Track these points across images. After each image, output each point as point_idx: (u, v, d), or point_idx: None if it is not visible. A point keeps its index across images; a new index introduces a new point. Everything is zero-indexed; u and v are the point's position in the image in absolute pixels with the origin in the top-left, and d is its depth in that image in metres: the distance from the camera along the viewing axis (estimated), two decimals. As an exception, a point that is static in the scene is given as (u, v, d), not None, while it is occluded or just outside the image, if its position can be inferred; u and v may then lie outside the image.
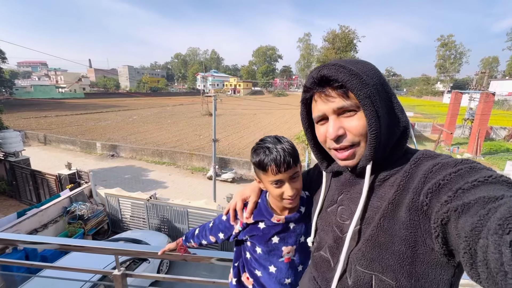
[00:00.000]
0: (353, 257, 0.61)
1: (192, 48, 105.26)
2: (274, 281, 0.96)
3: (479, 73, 24.54)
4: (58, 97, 49.36)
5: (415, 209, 0.51)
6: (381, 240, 0.56)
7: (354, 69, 0.57)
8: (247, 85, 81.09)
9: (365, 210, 0.62)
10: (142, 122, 26.11)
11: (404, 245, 0.53)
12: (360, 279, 0.59)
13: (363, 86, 0.56)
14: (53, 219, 6.63)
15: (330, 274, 0.69)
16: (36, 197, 9.08)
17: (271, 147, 0.82)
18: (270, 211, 0.95)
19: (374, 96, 0.56)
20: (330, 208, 0.75)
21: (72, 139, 17.75)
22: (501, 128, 21.43)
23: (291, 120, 29.59)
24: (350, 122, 0.59)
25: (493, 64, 66.92)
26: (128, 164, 14.84)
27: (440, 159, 0.54)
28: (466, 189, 0.44)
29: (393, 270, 0.54)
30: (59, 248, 1.44)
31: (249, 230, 0.98)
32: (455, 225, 0.43)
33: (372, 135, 0.56)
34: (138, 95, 53.40)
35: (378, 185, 0.62)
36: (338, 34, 34.98)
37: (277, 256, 0.95)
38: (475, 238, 0.38)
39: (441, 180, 0.48)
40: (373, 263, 0.57)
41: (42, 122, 23.83)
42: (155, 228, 7.45)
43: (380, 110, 0.57)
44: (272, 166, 0.80)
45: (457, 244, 0.42)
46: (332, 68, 0.58)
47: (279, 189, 0.84)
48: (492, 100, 16.68)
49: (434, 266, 0.51)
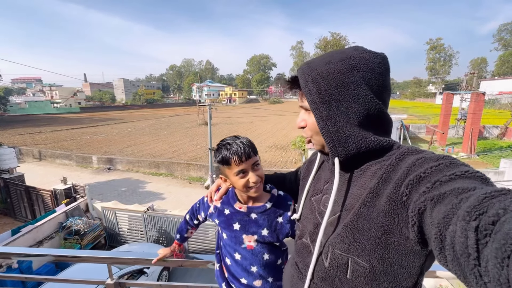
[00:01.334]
0: (332, 241, 0.65)
1: (187, 59, 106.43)
2: (241, 269, 1.02)
3: (468, 74, 25.10)
4: (53, 112, 49.16)
5: (394, 199, 0.54)
6: (360, 226, 0.59)
7: (312, 74, 0.64)
8: (243, 94, 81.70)
9: (345, 197, 0.66)
10: (138, 134, 26.04)
11: (380, 231, 0.56)
12: (337, 261, 0.63)
13: (310, 93, 0.64)
14: (49, 235, 6.52)
15: (309, 258, 0.73)
16: (31, 214, 8.93)
17: (231, 143, 0.91)
18: (235, 198, 1.03)
19: (321, 102, 0.63)
20: (315, 197, 0.79)
21: (68, 154, 17.61)
22: (493, 127, 21.76)
23: (287, 126, 29.75)
24: (309, 117, 0.69)
25: (481, 65, 68.51)
26: (125, 177, 14.71)
27: (424, 154, 0.57)
28: (443, 181, 0.47)
29: (368, 253, 0.58)
30: (54, 260, 1.44)
31: (217, 214, 1.06)
32: (430, 214, 0.45)
33: (322, 133, 0.65)
34: (134, 107, 53.35)
35: (359, 175, 0.65)
36: (330, 41, 35.76)
37: (239, 243, 1.01)
38: (445, 224, 0.41)
39: (422, 173, 0.51)
40: (351, 246, 0.60)
41: (37, 138, 23.65)
42: (153, 240, 7.35)
43: (329, 113, 0.62)
44: (234, 158, 0.88)
45: (430, 231, 0.45)
46: (300, 71, 0.68)
47: (243, 179, 0.91)
48: (483, 99, 17.02)
49: (408, 253, 0.55)
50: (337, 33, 35.77)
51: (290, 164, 14.96)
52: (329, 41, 35.28)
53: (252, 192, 0.94)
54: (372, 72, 0.62)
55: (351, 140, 0.63)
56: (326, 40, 35.57)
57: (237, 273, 1.03)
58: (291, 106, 60.98)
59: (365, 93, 0.61)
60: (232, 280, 1.04)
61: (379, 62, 0.63)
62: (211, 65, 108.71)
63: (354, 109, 0.62)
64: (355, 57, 0.62)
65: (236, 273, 1.03)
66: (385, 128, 0.66)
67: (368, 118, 0.62)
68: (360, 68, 0.61)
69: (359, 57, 0.62)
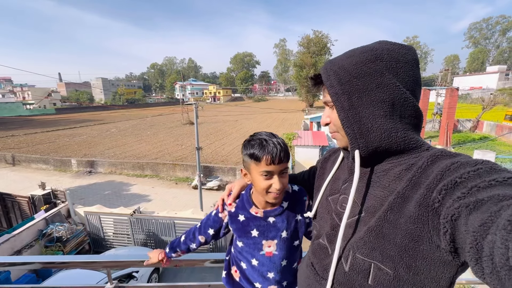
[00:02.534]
0: (353, 245, 0.61)
1: (169, 58, 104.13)
2: (257, 274, 0.98)
3: (443, 70, 26.40)
4: (26, 114, 46.38)
5: (425, 205, 0.50)
6: (385, 231, 0.56)
7: (334, 67, 0.64)
8: (227, 92, 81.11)
9: (367, 199, 0.63)
10: (120, 135, 25.15)
11: (408, 239, 0.52)
12: (359, 266, 0.60)
13: (332, 85, 0.63)
14: (28, 243, 6.17)
15: (327, 260, 0.71)
16: (6, 222, 8.39)
17: (267, 139, 0.84)
18: (250, 203, 0.97)
19: (342, 93, 0.62)
20: (332, 196, 0.77)
21: (44, 158, 16.69)
22: (466, 120, 23.07)
23: (272, 124, 29.91)
24: (333, 113, 0.68)
25: (454, 62, 72.40)
26: (108, 180, 14.20)
27: (459, 158, 0.52)
28: (481, 187, 0.43)
29: (393, 260, 0.55)
30: (41, 267, 1.37)
31: (231, 221, 1.00)
32: (465, 221, 0.42)
33: (344, 126, 0.63)
34: (114, 108, 51.40)
35: (382, 175, 0.62)
36: (312, 38, 36.22)
37: (257, 250, 0.96)
38: (483, 233, 0.38)
39: (457, 178, 0.47)
40: (374, 252, 0.57)
41: (9, 142, 22.22)
42: (141, 244, 7.16)
43: (351, 104, 0.61)
44: (267, 156, 0.82)
45: (464, 240, 0.42)
46: (322, 67, 0.68)
47: (267, 181, 0.85)
48: (457, 94, 17.94)
49: (437, 263, 0.51)
50: (319, 31, 36.32)
51: (277, 161, 15.05)
52: (311, 39, 35.76)
53: (271, 197, 0.88)
54: (397, 62, 0.59)
55: (373, 132, 0.59)
56: (308, 38, 36.03)
57: (252, 277, 0.99)
58: (275, 103, 61.31)
59: (389, 81, 0.58)
60: (246, 284, 1.01)
61: (405, 53, 0.60)
62: (194, 63, 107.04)
63: (378, 97, 0.58)
64: (378, 48, 0.61)
65: (251, 277, 1.00)
66: (415, 122, 0.61)
67: (394, 108, 0.58)
68: (383, 58, 0.59)
69: (382, 48, 0.60)
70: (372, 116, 0.59)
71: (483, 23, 65.35)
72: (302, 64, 37.86)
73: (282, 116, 36.22)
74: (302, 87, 40.52)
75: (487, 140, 17.59)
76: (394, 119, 0.59)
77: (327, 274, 0.68)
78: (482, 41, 66.91)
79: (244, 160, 0.88)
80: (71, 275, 4.56)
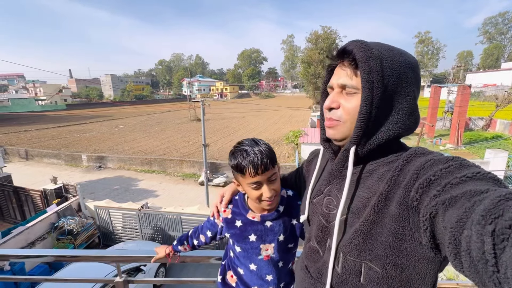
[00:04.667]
0: (343, 247, 0.62)
1: (176, 54, 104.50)
2: (256, 278, 0.98)
3: (455, 67, 25.70)
4: (38, 109, 47.59)
5: (405, 204, 0.52)
6: (373, 232, 0.57)
7: (375, 51, 0.58)
8: (234, 89, 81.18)
9: (352, 200, 0.63)
10: (128, 131, 25.56)
11: (392, 237, 0.54)
12: (350, 267, 0.62)
13: (371, 70, 0.57)
14: (41, 236, 6.38)
15: (319, 262, 0.71)
16: (20, 215, 8.69)
17: (248, 150, 0.82)
18: (246, 208, 0.97)
19: (378, 85, 0.56)
20: (316, 198, 0.76)
21: (56, 153, 17.14)
22: (478, 119, 22.45)
23: (279, 121, 29.83)
24: (347, 100, 0.62)
25: (467, 58, 70.23)
26: (117, 175, 14.48)
27: (432, 156, 0.55)
28: (454, 183, 0.45)
29: (380, 259, 0.57)
30: (54, 260, 1.42)
31: (227, 227, 1.00)
32: (442, 218, 0.44)
33: (361, 119, 0.58)
34: (123, 104, 52.28)
35: (366, 176, 0.63)
36: (321, 35, 35.69)
37: (256, 254, 0.96)
38: (460, 229, 0.39)
39: (431, 176, 0.49)
40: (364, 252, 0.59)
41: (22, 137, 22.88)
42: (149, 238, 7.31)
43: (380, 101, 0.57)
44: (250, 169, 0.80)
45: (443, 236, 0.44)
46: (357, 44, 0.60)
47: (257, 191, 0.85)
48: (469, 92, 17.49)
49: (421, 259, 0.53)
50: (328, 27, 35.72)
51: (283, 158, 15.06)
52: (320, 35, 35.22)
53: (265, 205, 0.89)
54: (418, 77, 0.62)
55: (380, 132, 0.60)
56: (317, 34, 35.49)
57: (251, 282, 1.00)
58: (282, 100, 61.05)
59: (414, 93, 0.61)
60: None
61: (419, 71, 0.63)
62: (201, 60, 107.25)
63: (402, 104, 0.59)
64: (412, 58, 0.61)
65: (249, 282, 1.00)
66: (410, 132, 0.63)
67: (409, 117, 0.60)
68: (415, 70, 0.61)
69: (415, 61, 0.62)
70: (389, 118, 0.60)
71: (499, 17, 62.93)
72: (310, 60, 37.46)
73: (289, 113, 36.05)
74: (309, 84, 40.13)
75: (500, 139, 17.08)
76: (402, 127, 0.60)
77: (321, 277, 0.69)
78: (498, 36, 64.54)
79: (232, 171, 0.88)
80: (82, 267, 4.70)
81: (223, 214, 1.01)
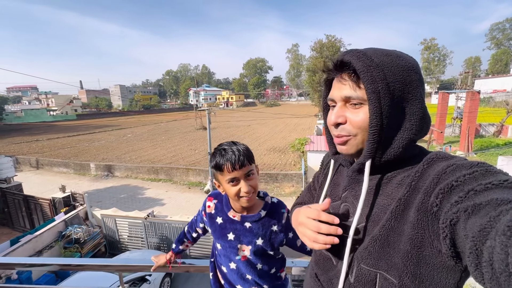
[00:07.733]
0: (358, 255, 0.60)
1: (183, 64, 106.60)
2: (237, 277, 1.03)
3: (463, 73, 25.35)
4: (50, 120, 48.90)
5: (424, 210, 0.50)
6: (390, 239, 0.54)
7: (374, 60, 0.55)
8: (240, 98, 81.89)
9: (371, 208, 0.61)
10: (136, 140, 25.93)
11: (410, 245, 0.51)
12: (364, 277, 0.59)
13: (375, 80, 0.54)
14: (48, 244, 6.43)
15: (332, 272, 0.68)
16: (29, 223, 8.82)
17: (226, 149, 0.89)
18: (229, 206, 1.02)
19: (385, 93, 0.54)
20: (332, 204, 0.73)
21: (65, 162, 17.47)
22: (489, 125, 21.95)
23: (285, 129, 29.81)
24: (354, 113, 0.59)
25: (475, 64, 69.36)
26: (124, 184, 14.61)
27: (455, 160, 0.52)
28: (478, 190, 0.43)
29: (397, 268, 0.53)
30: (59, 269, 1.42)
31: (209, 222, 1.06)
32: (463, 226, 0.42)
33: (372, 132, 0.56)
34: (131, 113, 53.27)
35: (385, 183, 0.60)
36: (325, 43, 35.98)
37: (234, 254, 1.01)
38: (482, 238, 0.37)
39: (454, 181, 0.46)
40: (379, 261, 0.56)
41: (34, 146, 23.45)
42: (154, 247, 7.27)
43: (390, 110, 0.55)
44: (227, 165, 0.87)
45: (463, 245, 0.42)
46: (353, 54, 0.58)
47: (235, 187, 0.89)
48: (478, 98, 17.19)
49: (440, 269, 0.50)
50: (333, 36, 35.99)
51: (289, 166, 14.95)
52: (324, 44, 35.49)
53: (243, 201, 0.92)
54: (420, 77, 0.59)
55: (395, 142, 0.57)
56: (321, 43, 35.76)
57: (233, 280, 1.04)
58: (288, 108, 61.18)
59: (421, 95, 0.58)
60: (228, 287, 1.06)
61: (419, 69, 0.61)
62: (207, 70, 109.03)
63: (412, 109, 0.57)
64: (410, 59, 0.59)
65: (232, 280, 1.05)
66: (423, 136, 0.61)
67: (422, 121, 0.58)
68: (417, 71, 0.58)
69: (414, 61, 0.59)
70: (402, 125, 0.57)
71: (506, 23, 62.32)
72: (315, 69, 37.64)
73: (295, 121, 36.04)
74: (314, 92, 40.22)
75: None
76: (416, 132, 0.58)
77: (332, 286, 0.67)
78: (506, 42, 63.80)
79: (213, 172, 0.94)
80: (88, 277, 4.70)
81: (207, 209, 1.07)
